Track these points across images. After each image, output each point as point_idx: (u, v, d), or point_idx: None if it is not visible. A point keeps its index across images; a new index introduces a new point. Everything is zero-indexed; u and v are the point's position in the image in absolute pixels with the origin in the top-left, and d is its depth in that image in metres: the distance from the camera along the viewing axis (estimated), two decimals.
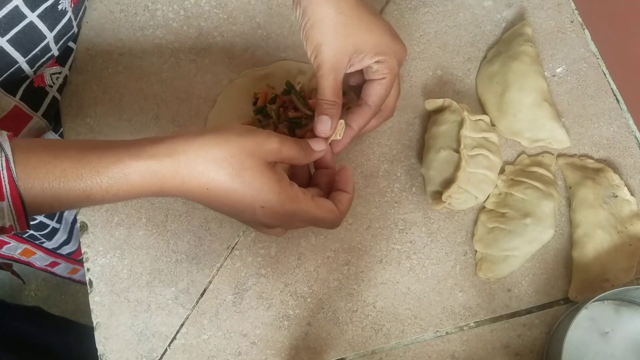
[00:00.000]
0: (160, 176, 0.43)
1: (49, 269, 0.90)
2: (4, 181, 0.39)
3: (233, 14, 0.70)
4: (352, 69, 0.54)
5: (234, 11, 0.70)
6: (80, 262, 0.93)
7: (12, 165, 0.40)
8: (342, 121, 0.54)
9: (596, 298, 0.54)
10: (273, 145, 0.46)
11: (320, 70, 0.52)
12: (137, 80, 0.67)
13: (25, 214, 0.41)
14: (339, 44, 0.51)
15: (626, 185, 0.64)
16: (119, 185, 0.42)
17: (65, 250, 0.86)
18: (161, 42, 0.68)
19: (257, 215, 0.46)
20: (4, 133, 0.41)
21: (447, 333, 0.60)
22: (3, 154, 0.40)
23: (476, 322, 0.61)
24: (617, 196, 0.63)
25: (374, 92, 0.54)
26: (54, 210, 0.43)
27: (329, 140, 0.53)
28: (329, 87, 0.52)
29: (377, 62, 0.53)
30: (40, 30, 0.55)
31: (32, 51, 0.56)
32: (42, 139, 0.49)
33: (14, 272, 0.86)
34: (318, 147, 0.51)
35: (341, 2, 0.51)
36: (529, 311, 0.61)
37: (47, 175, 0.41)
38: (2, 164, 0.40)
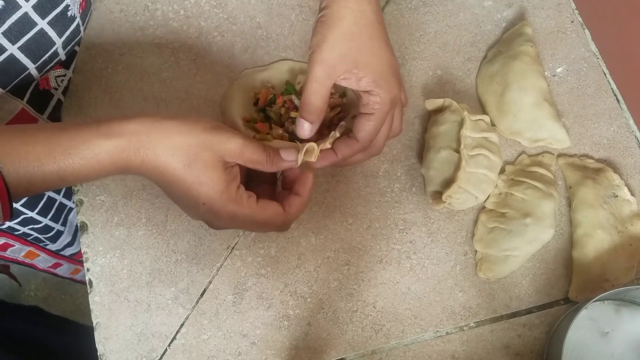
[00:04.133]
0: (126, 154, 0.44)
1: (51, 270, 0.90)
2: None
3: (233, 14, 0.70)
4: (346, 83, 0.52)
5: (234, 11, 0.70)
6: (83, 263, 0.93)
7: None
8: (335, 132, 0.53)
9: (596, 298, 0.54)
10: (234, 145, 0.46)
11: (313, 71, 0.50)
12: (137, 80, 0.67)
13: (10, 200, 0.42)
14: (341, 49, 0.50)
15: (626, 185, 0.64)
16: (90, 164, 0.43)
17: (69, 251, 0.86)
18: (161, 42, 0.68)
19: (200, 211, 0.47)
20: None
21: (447, 333, 0.60)
22: None
23: (476, 322, 0.61)
24: (617, 196, 0.63)
25: (362, 128, 0.53)
26: (30, 194, 0.44)
27: (301, 155, 0.51)
28: (316, 92, 0.51)
29: (369, 92, 0.52)
30: (50, 37, 0.55)
31: (42, 57, 0.56)
32: (8, 125, 0.50)
33: (10, 275, 0.86)
34: (288, 157, 0.50)
35: (361, 17, 0.50)
36: (529, 311, 0.61)
37: (21, 161, 0.41)
38: None
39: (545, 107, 0.64)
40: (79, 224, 0.63)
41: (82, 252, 0.62)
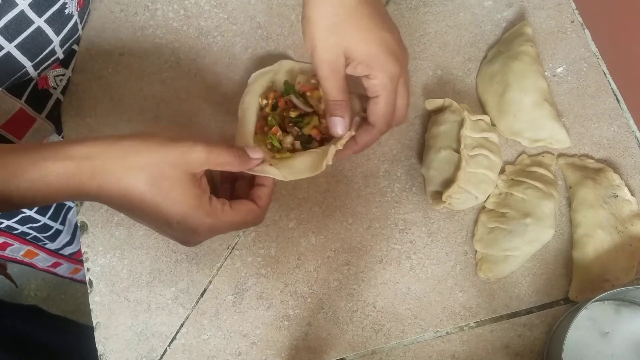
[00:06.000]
0: (77, 179, 0.42)
1: (51, 269, 0.90)
2: None
3: (233, 14, 0.70)
4: (349, 71, 0.52)
5: (234, 11, 0.70)
6: (82, 262, 0.93)
7: None
8: (357, 118, 0.54)
9: (596, 298, 0.54)
10: (198, 154, 0.44)
11: (320, 72, 0.51)
12: (137, 80, 0.67)
13: None
14: (332, 42, 0.50)
15: (626, 185, 0.64)
16: (37, 187, 0.41)
17: (68, 250, 0.86)
18: (161, 42, 0.68)
19: (173, 230, 0.45)
20: None
21: (447, 333, 0.60)
22: None
23: (476, 322, 0.61)
24: (617, 196, 0.63)
25: (373, 112, 0.52)
26: None
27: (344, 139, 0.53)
28: (333, 88, 0.51)
29: (367, 77, 0.51)
30: (47, 35, 0.55)
31: (39, 56, 0.56)
32: None
33: (7, 275, 0.86)
34: (255, 154, 0.49)
35: (339, 4, 0.49)
36: (529, 311, 0.61)
37: None
38: None
39: (545, 107, 0.64)
40: (79, 224, 0.63)
41: (82, 252, 0.62)
